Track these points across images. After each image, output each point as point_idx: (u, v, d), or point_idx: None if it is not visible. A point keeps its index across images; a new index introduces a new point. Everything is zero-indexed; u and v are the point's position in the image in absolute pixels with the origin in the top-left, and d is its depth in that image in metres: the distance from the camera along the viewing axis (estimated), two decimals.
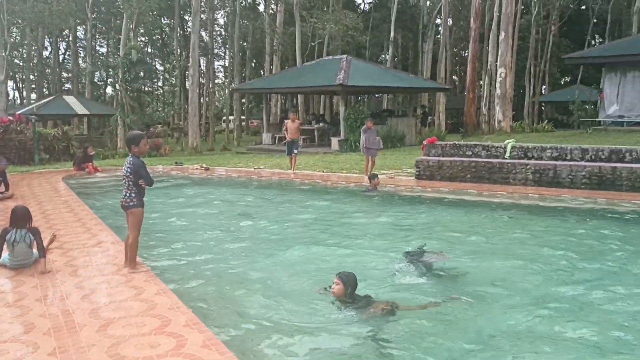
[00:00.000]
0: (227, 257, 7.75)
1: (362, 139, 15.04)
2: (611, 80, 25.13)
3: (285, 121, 17.46)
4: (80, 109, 36.39)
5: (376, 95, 49.44)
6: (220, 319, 5.39)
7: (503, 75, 28.48)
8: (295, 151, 16.49)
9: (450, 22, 47.17)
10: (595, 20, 49.07)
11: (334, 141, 25.55)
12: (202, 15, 42.95)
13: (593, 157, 12.25)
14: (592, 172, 11.72)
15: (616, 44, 30.15)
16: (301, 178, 15.56)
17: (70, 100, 37.33)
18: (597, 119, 25.92)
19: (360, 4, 55.92)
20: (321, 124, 29.10)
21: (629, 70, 24.46)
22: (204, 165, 18.35)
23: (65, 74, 56.93)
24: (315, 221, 10.21)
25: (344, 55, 29.94)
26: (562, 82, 54.89)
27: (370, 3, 53.78)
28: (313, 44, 43.49)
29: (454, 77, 57.84)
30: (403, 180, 14.09)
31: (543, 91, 50.71)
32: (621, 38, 37.59)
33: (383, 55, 53.84)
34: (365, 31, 44.56)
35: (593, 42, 51.05)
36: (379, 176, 13.50)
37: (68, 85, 54.83)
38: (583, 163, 12.09)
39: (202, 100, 49.22)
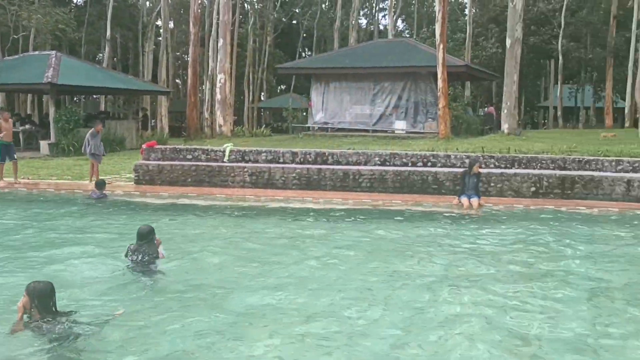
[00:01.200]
0: None
1: (92, 143, 13.86)
2: (317, 90, 27.91)
3: None
4: None
5: (94, 97, 46.39)
6: None
7: (223, 80, 29.28)
8: (15, 156, 14.43)
9: (171, 24, 46.76)
10: (304, 35, 54.05)
11: (44, 145, 23.13)
12: None
13: (302, 159, 13.37)
14: (301, 173, 12.77)
15: (321, 57, 33.67)
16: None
17: None
18: (307, 125, 28.50)
19: None
20: (27, 126, 26.10)
21: (332, 81, 27.48)
22: None
23: None
24: (21, 232, 9.07)
25: (53, 52, 27.27)
26: (279, 90, 58.93)
27: None
28: (16, 36, 38.72)
29: (177, 80, 57.51)
30: (121, 186, 13.47)
31: (262, 97, 53.78)
32: (326, 52, 42.05)
33: (101, 54, 50.75)
34: (80, 27, 41.37)
35: (303, 54, 56.05)
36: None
37: None
38: (294, 165, 13.10)
39: None
